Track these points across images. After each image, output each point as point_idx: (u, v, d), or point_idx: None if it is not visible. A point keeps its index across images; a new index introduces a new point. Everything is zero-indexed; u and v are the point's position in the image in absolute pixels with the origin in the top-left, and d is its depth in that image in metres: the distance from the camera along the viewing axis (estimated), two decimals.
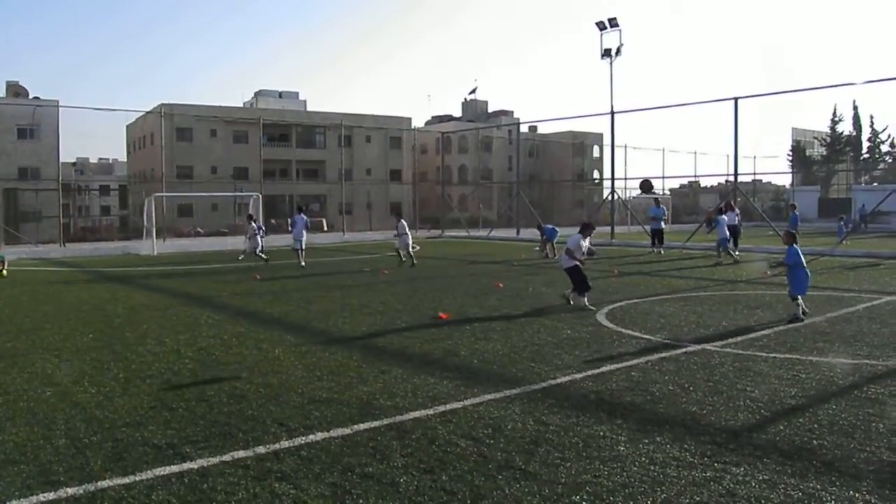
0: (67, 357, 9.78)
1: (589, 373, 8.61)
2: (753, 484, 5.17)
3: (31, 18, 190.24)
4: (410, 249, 24.42)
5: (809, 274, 12.54)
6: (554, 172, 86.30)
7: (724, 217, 25.15)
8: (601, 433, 6.35)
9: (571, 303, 14.06)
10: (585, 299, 13.89)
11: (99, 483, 5.31)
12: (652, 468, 5.51)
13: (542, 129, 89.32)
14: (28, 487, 5.24)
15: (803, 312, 12.16)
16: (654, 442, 6.09)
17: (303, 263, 23.82)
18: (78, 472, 5.52)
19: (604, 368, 8.83)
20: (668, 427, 6.50)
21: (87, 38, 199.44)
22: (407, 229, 24.58)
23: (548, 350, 9.92)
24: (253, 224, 26.14)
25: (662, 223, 29.51)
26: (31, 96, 64.73)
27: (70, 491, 5.17)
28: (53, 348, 10.37)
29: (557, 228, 29.42)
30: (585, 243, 14.36)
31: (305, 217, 25.77)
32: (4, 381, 8.43)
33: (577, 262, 13.98)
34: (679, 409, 7.07)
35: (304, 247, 24.62)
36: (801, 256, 12.32)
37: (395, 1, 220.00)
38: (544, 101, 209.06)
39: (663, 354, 9.60)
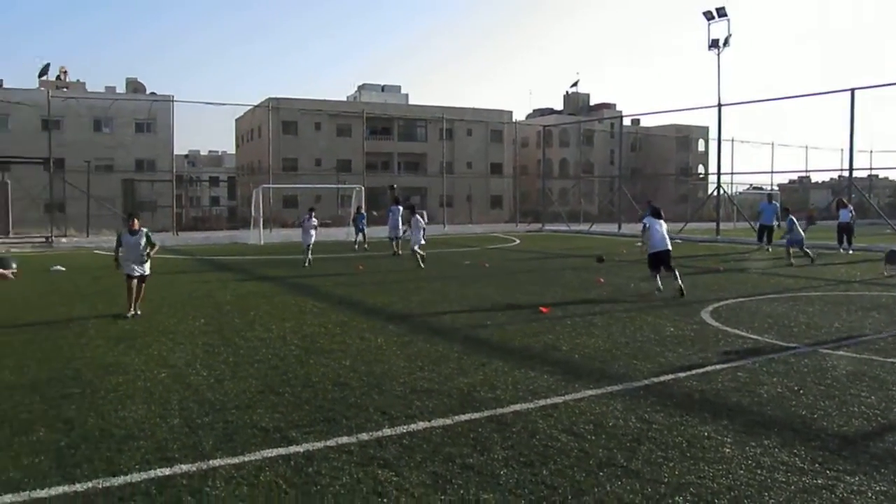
0: (181, 341, 10.21)
1: (693, 372, 8.42)
2: (870, 494, 4.95)
3: (150, 19, 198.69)
4: (418, 248, 21.02)
5: None
6: (657, 166, 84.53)
7: (792, 218, 23.37)
8: (706, 434, 6.20)
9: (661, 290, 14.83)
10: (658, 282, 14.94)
11: (210, 462, 5.54)
12: (759, 472, 5.35)
13: (645, 122, 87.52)
14: (146, 462, 5.51)
15: None
16: (762, 445, 5.91)
17: (399, 252, 24.24)
18: (191, 451, 5.77)
19: (708, 368, 8.61)
20: (776, 430, 6.29)
21: (201, 37, 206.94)
22: (422, 223, 21.70)
23: (650, 347, 9.75)
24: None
25: (774, 221, 28.32)
26: (147, 92, 67.76)
27: (184, 468, 5.41)
28: (168, 332, 10.85)
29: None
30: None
31: (402, 209, 26.10)
32: (124, 362, 8.88)
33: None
34: (788, 413, 6.84)
35: (400, 236, 25.24)
36: None
37: (503, 1, 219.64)
38: (648, 94, 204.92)
39: (771, 356, 9.29)
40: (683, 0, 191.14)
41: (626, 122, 77.63)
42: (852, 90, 30.72)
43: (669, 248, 14.95)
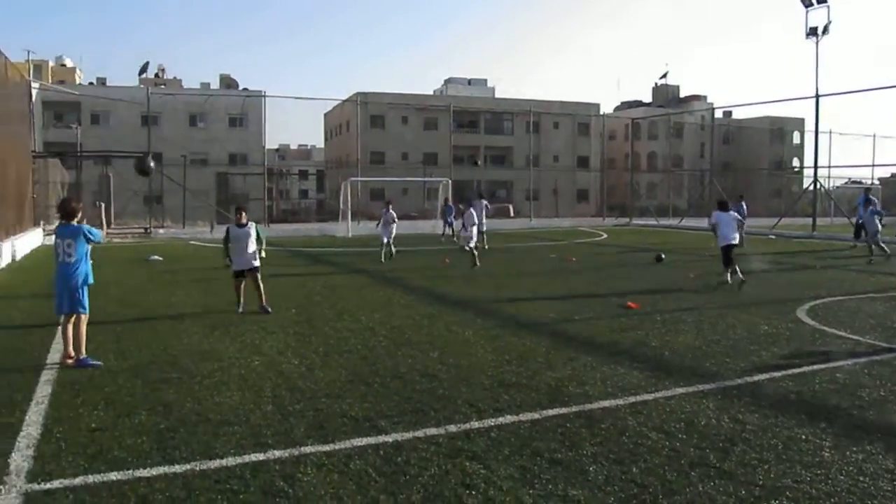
0: (273, 329, 10.47)
1: (789, 371, 8.16)
2: None
3: (242, 17, 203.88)
4: (389, 240, 20.97)
5: None
6: (750, 160, 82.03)
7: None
8: (803, 436, 6.00)
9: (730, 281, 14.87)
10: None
11: (302, 448, 5.66)
12: (861, 479, 5.14)
13: (738, 114, 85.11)
14: (241, 447, 5.68)
15: None
16: (864, 451, 5.68)
17: (486, 247, 24.22)
18: (283, 437, 5.91)
19: (805, 368, 8.33)
20: (879, 436, 6.04)
21: (295, 37, 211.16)
22: (395, 219, 21.35)
23: (743, 345, 9.49)
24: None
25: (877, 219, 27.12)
26: (240, 88, 69.60)
27: (277, 453, 5.55)
28: (260, 321, 11.14)
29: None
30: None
31: (486, 202, 25.85)
32: (220, 349, 9.16)
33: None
34: (892, 418, 6.56)
35: (484, 230, 24.95)
36: None
37: None
38: (740, 85, 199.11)
39: (874, 357, 8.91)
40: None
41: (718, 114, 75.79)
42: None
43: (735, 241, 15.02)
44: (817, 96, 35.57)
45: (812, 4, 35.65)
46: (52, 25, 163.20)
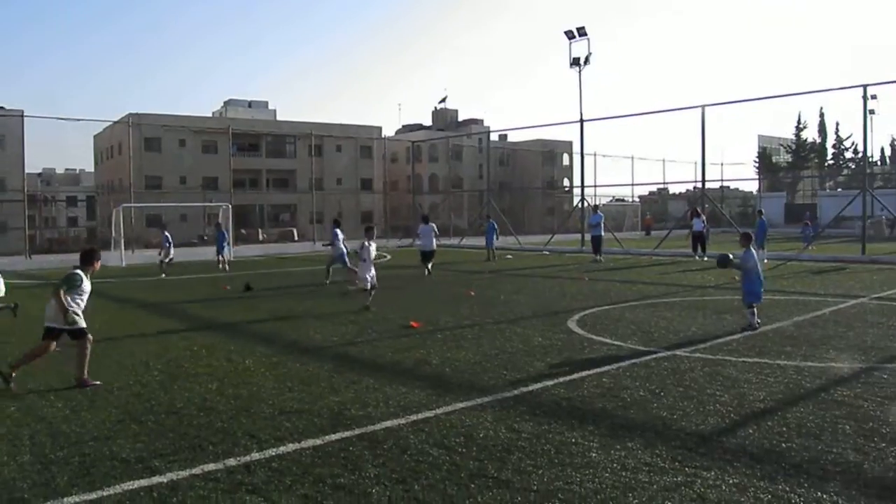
0: (31, 371, 9.59)
1: (560, 380, 8.63)
2: (724, 488, 5.21)
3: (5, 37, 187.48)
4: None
5: (763, 280, 12.27)
6: (524, 180, 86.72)
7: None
8: (573, 440, 6.36)
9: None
10: None
11: (65, 499, 5.22)
12: (624, 474, 5.53)
13: (513, 137, 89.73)
14: None
15: (757, 322, 11.92)
16: (626, 448, 6.12)
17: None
18: (43, 489, 5.42)
19: (575, 375, 8.85)
20: (639, 433, 6.53)
21: (61, 56, 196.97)
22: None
23: (519, 357, 9.93)
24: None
25: (601, 231, 29.47)
26: None
27: None
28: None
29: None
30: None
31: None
32: None
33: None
34: (650, 415, 7.11)
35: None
36: (757, 261, 12.12)
37: (368, 16, 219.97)
38: (514, 110, 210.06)
39: (634, 360, 9.65)
40: (548, 20, 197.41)
41: (494, 137, 79.48)
42: (703, 106, 32.55)
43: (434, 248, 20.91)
44: (581, 121, 38.21)
45: (575, 37, 38.31)
46: None
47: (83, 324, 9.08)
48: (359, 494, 5.22)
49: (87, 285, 9.22)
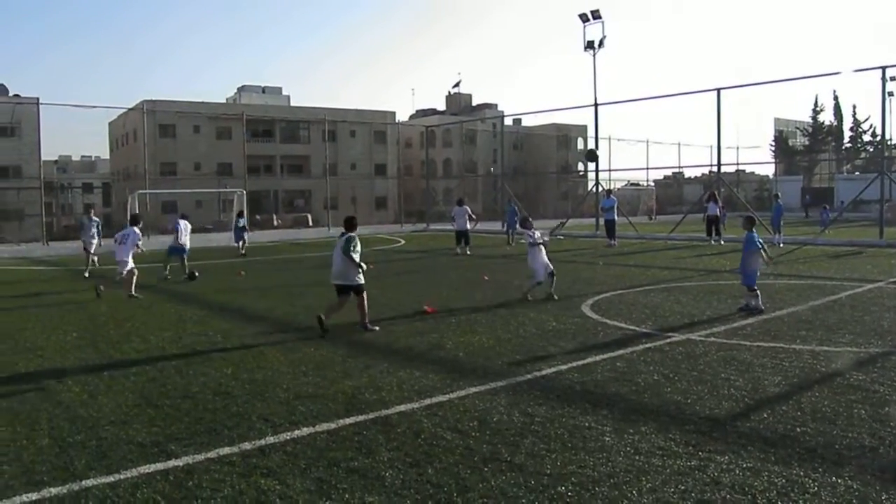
0: (50, 356, 9.70)
1: (574, 364, 8.63)
2: (737, 472, 5.20)
3: (17, 21, 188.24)
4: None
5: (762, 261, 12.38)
6: (538, 165, 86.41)
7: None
8: (586, 424, 6.37)
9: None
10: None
11: (83, 482, 5.28)
12: (637, 458, 5.53)
13: (527, 121, 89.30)
14: (10, 488, 5.20)
15: (749, 305, 12.10)
16: (639, 432, 6.12)
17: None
18: (62, 472, 5.48)
19: (589, 359, 8.85)
20: (652, 417, 6.53)
21: (75, 44, 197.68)
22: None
23: (533, 342, 9.94)
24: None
25: (615, 214, 29.32)
26: (10, 94, 64.12)
27: (53, 491, 5.14)
28: (36, 348, 10.27)
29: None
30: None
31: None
32: None
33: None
34: (664, 399, 7.10)
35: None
36: (761, 244, 12.33)
37: (382, 1, 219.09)
38: (529, 94, 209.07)
39: (648, 345, 9.64)
40: (562, 3, 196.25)
41: (508, 121, 79.07)
42: (718, 90, 32.29)
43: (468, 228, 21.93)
44: (596, 105, 38.00)
45: (589, 20, 38.08)
46: None
47: (362, 280, 11.07)
48: (373, 478, 5.25)
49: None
